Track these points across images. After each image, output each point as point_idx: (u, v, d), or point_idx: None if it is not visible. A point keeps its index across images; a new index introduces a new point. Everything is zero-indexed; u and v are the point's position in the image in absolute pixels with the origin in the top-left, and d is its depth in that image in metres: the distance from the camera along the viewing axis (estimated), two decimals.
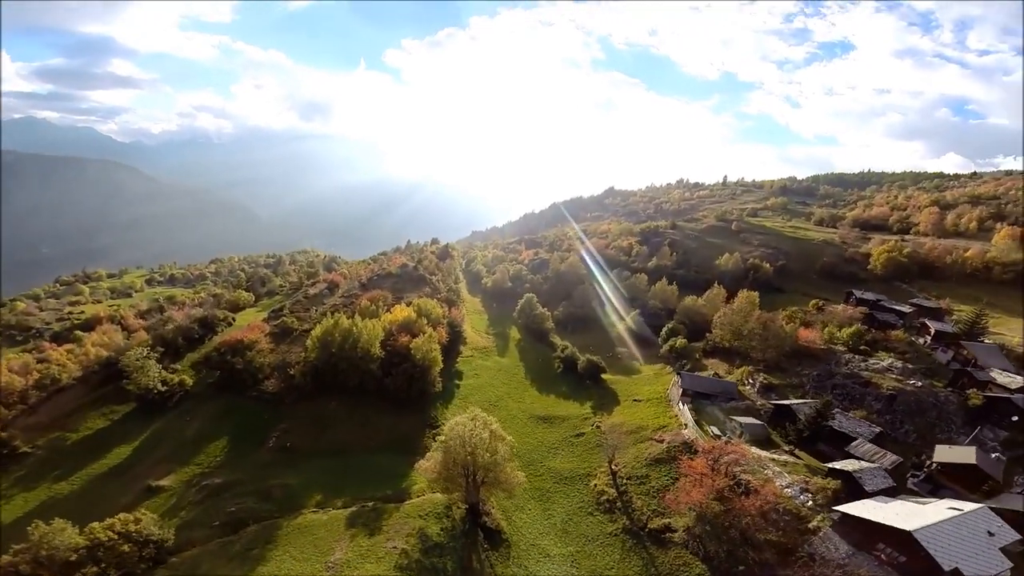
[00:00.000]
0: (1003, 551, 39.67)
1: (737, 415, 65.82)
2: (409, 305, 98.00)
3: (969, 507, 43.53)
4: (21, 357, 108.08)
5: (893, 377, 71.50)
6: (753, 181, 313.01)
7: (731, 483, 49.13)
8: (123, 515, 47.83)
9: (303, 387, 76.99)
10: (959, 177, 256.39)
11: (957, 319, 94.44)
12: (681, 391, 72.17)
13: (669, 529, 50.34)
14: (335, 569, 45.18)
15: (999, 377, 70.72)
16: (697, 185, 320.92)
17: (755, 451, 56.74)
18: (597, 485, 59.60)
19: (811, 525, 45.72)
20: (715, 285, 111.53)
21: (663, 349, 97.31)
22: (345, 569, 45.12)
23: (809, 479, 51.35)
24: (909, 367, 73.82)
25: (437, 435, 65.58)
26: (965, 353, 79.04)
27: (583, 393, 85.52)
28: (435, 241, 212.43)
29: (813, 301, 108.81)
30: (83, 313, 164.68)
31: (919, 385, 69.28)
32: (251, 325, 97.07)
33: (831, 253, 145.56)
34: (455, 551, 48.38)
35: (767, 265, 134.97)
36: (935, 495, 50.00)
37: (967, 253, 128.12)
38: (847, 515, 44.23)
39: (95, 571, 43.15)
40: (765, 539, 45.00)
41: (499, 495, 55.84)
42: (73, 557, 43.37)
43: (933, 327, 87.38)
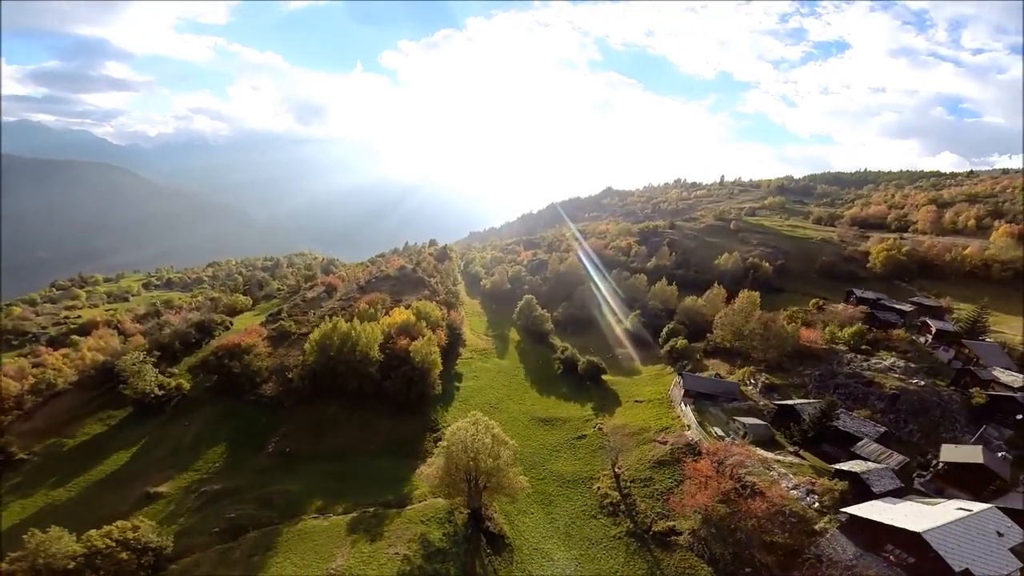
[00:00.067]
0: (1012, 551, 39.40)
1: (740, 416, 65.53)
2: (408, 308, 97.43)
3: (978, 507, 43.28)
4: (17, 362, 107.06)
5: (896, 376, 71.24)
6: (750, 181, 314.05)
7: (736, 485, 48.72)
8: (121, 522, 47.26)
9: (302, 391, 76.39)
10: (956, 176, 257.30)
11: (957, 318, 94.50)
12: (683, 392, 71.91)
13: (674, 532, 49.95)
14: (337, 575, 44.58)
15: (1001, 376, 70.74)
16: (694, 185, 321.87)
17: (760, 452, 56.43)
18: (600, 488, 59.05)
19: (818, 527, 45.35)
20: (715, 285, 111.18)
21: (664, 350, 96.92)
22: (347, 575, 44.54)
23: (815, 480, 50.94)
24: (911, 366, 73.56)
25: (437, 438, 65.20)
26: (967, 352, 78.96)
27: (584, 394, 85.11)
28: (433, 243, 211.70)
29: (813, 300, 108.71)
30: (79, 317, 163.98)
31: (922, 384, 69.04)
32: (249, 329, 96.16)
33: (830, 252, 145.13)
34: (458, 556, 47.98)
35: (766, 264, 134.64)
36: (942, 495, 49.70)
37: (966, 251, 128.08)
38: (855, 517, 43.84)
39: None
40: (771, 541, 44.61)
41: (501, 499, 55.36)
42: (71, 565, 42.59)
43: (934, 326, 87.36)
